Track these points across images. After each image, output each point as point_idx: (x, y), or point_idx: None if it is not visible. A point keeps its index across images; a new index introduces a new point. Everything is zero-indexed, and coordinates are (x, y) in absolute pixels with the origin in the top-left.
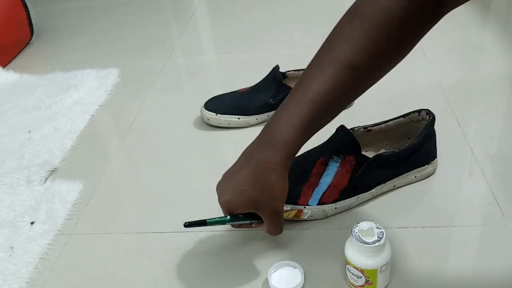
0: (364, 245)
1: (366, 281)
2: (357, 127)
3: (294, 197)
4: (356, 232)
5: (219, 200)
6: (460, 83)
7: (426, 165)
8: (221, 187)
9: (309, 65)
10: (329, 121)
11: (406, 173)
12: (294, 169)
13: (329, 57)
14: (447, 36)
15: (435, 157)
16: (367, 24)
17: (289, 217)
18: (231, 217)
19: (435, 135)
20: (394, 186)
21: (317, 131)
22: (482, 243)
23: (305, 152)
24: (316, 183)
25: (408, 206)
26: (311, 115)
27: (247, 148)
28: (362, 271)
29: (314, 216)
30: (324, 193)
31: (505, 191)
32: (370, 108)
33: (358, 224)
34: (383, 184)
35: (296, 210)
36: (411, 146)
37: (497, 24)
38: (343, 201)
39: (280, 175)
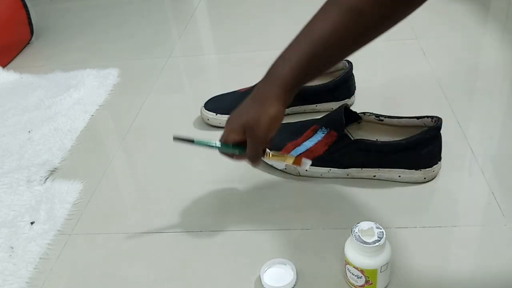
0: (364, 245)
1: (366, 281)
2: (369, 112)
3: (277, 148)
4: (356, 232)
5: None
6: (460, 83)
7: (414, 170)
8: (231, 116)
9: (319, 9)
10: (327, 67)
11: (389, 169)
12: (293, 127)
13: (334, 0)
14: (447, 36)
15: (428, 167)
16: None
17: (287, 161)
18: (221, 144)
19: (433, 145)
20: (374, 176)
21: (315, 73)
22: (482, 243)
23: (311, 119)
24: (299, 144)
25: (408, 206)
26: (308, 54)
27: (255, 85)
28: (362, 271)
29: (288, 170)
30: (301, 154)
31: (505, 191)
32: (368, 107)
33: (358, 224)
34: (360, 169)
35: (294, 157)
36: (395, 144)
37: (497, 24)
38: (315, 167)
39: (273, 105)
